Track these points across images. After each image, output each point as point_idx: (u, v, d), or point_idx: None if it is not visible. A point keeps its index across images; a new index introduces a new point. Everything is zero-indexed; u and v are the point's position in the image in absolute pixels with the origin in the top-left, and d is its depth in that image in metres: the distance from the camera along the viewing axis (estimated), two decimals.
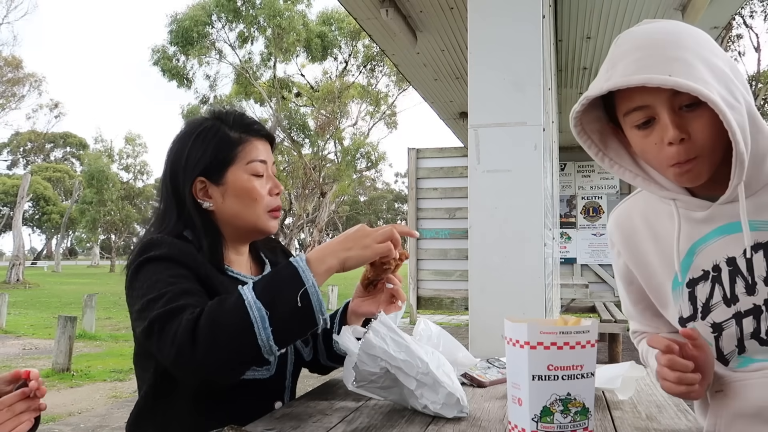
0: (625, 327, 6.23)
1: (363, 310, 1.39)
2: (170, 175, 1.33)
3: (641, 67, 0.90)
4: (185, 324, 1.08)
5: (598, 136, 1.05)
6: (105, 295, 16.90)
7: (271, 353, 1.12)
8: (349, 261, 1.18)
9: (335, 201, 29.60)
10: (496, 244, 2.39)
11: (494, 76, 2.47)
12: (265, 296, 1.11)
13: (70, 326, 6.95)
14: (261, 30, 20.06)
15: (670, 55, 0.90)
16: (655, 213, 1.08)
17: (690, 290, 1.03)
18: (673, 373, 0.95)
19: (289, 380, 1.39)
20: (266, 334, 1.09)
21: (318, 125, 22.20)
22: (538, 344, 0.92)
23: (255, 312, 1.09)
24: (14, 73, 33.54)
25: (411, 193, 9.65)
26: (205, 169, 1.31)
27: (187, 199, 1.31)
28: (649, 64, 0.90)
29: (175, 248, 1.23)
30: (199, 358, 1.06)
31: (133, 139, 41.45)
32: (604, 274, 9.38)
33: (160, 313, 1.12)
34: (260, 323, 1.09)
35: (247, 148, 1.33)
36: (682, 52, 0.90)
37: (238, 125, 1.35)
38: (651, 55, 0.91)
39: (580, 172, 9.56)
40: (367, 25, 4.84)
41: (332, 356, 1.46)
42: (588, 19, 4.71)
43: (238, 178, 1.31)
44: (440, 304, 9.43)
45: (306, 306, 1.12)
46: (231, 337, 1.08)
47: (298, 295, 1.11)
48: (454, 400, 1.18)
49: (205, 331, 1.07)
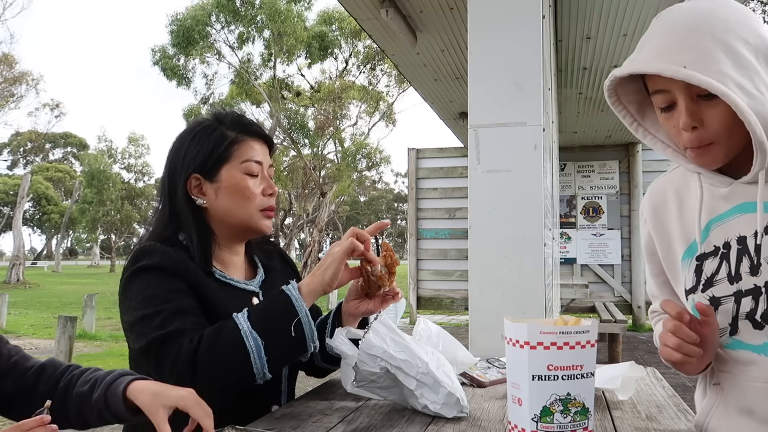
0: (625, 327, 6.23)
1: (361, 310, 1.39)
2: (168, 172, 1.36)
3: (659, 55, 0.94)
4: (185, 353, 1.14)
5: (635, 106, 1.08)
6: (105, 295, 16.90)
7: (263, 378, 1.19)
8: (326, 274, 1.24)
9: (335, 201, 29.59)
10: (496, 244, 2.39)
11: (494, 76, 2.47)
12: (260, 326, 1.17)
13: (70, 326, 6.95)
14: (259, 30, 20.05)
15: (689, 45, 0.93)
16: (685, 186, 1.11)
17: (698, 263, 1.04)
18: (675, 339, 0.95)
19: (285, 384, 1.39)
20: (261, 363, 1.16)
21: (318, 126, 22.19)
22: (538, 344, 0.92)
23: (251, 342, 1.16)
24: (9, 71, 33.51)
25: (411, 193, 9.66)
26: (200, 166, 1.33)
27: (180, 194, 1.33)
28: (667, 52, 0.93)
29: (168, 258, 1.25)
30: (199, 384, 1.09)
31: (137, 139, 41.47)
32: (603, 274, 9.38)
33: (156, 336, 1.16)
34: (256, 353, 1.16)
35: (242, 148, 1.35)
36: (702, 41, 0.92)
37: (235, 125, 1.37)
38: (671, 42, 0.94)
39: (580, 172, 9.55)
40: (367, 25, 4.84)
41: (326, 358, 1.45)
42: (588, 19, 4.71)
43: (231, 176, 1.33)
44: (440, 304, 9.43)
45: (299, 335, 1.19)
46: (229, 368, 1.16)
47: (292, 326, 1.18)
48: (454, 400, 1.18)
49: (204, 361, 1.13)
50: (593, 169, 9.52)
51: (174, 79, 20.99)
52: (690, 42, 0.93)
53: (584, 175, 9.55)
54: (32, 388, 1.04)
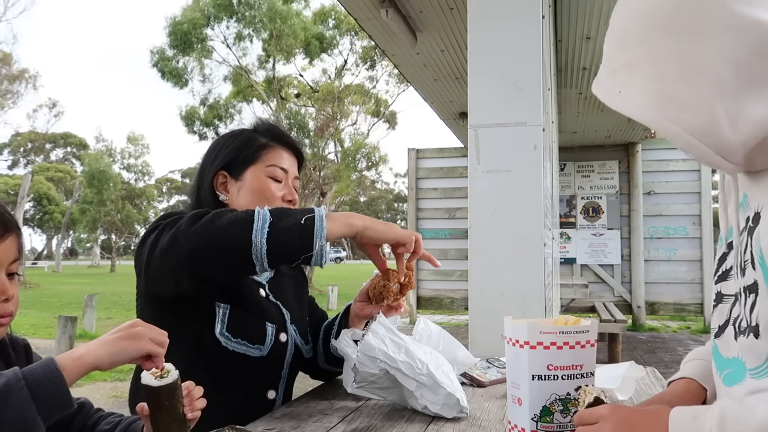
0: (625, 327, 6.23)
1: (365, 312, 1.42)
2: (200, 167, 1.45)
3: (600, 75, 0.88)
4: (190, 216, 1.17)
5: None
6: (105, 295, 16.90)
7: (259, 260, 1.12)
8: (368, 231, 1.21)
9: (335, 201, 29.60)
10: (496, 244, 2.40)
11: (494, 76, 2.47)
12: (275, 210, 1.16)
13: (70, 326, 6.95)
14: (257, 32, 20.05)
15: (617, 63, 0.84)
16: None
17: (725, 252, 0.92)
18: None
19: (285, 370, 1.39)
20: (261, 234, 1.11)
21: (317, 127, 22.20)
22: (537, 344, 0.93)
23: (259, 214, 1.14)
24: (7, 69, 33.55)
25: (411, 193, 9.66)
26: (228, 164, 1.40)
27: (205, 188, 1.39)
28: (602, 74, 0.87)
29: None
30: (191, 235, 1.11)
31: (136, 138, 41.46)
32: (603, 274, 9.37)
33: (170, 220, 1.21)
34: (260, 223, 1.12)
35: (270, 153, 1.42)
36: (630, 53, 0.82)
37: (268, 132, 1.45)
38: (604, 61, 0.88)
39: (579, 172, 9.55)
40: (367, 25, 4.84)
41: (330, 359, 1.47)
42: (588, 19, 4.71)
43: (256, 176, 1.39)
44: (440, 304, 9.43)
45: (308, 226, 1.13)
46: (228, 223, 1.13)
47: (304, 216, 1.14)
48: (454, 401, 1.18)
49: (207, 217, 1.15)
50: (593, 169, 9.51)
51: (171, 80, 20.99)
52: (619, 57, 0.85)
53: (584, 175, 9.54)
54: (68, 423, 1.07)
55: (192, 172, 51.48)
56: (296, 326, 1.43)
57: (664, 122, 0.78)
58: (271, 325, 1.35)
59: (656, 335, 8.92)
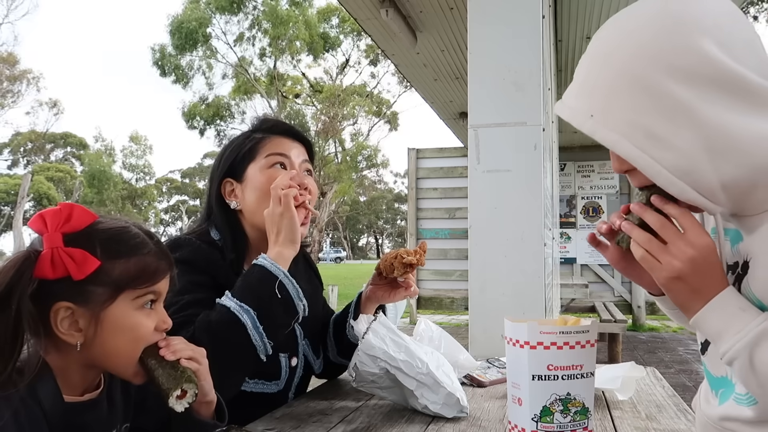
0: (625, 327, 6.22)
1: (377, 294, 1.44)
2: (209, 179, 1.42)
3: (568, 97, 0.87)
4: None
5: None
6: None
7: (265, 351, 1.16)
8: (281, 236, 1.22)
9: (335, 201, 29.58)
10: (496, 244, 2.39)
11: (494, 76, 2.47)
12: (246, 298, 1.16)
13: None
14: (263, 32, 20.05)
15: (590, 92, 0.83)
16: None
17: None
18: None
19: (292, 392, 1.39)
20: (259, 333, 1.15)
21: (318, 127, 22.19)
22: (538, 344, 0.93)
23: (244, 316, 1.14)
24: (10, 70, 33.57)
25: (411, 193, 9.65)
26: (231, 169, 1.36)
27: (213, 197, 1.37)
28: (571, 95, 0.87)
29: (199, 253, 1.27)
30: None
31: (138, 138, 41.45)
32: (603, 274, 9.37)
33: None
34: (251, 325, 1.14)
35: (267, 144, 1.37)
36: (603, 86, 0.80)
37: (264, 127, 1.41)
38: (577, 83, 0.86)
39: (579, 172, 9.55)
40: (367, 25, 4.84)
41: (342, 351, 1.47)
42: (588, 19, 4.71)
43: (257, 172, 1.35)
44: (440, 304, 9.42)
45: (285, 296, 1.18)
46: (229, 346, 1.13)
47: (275, 288, 1.16)
48: (454, 400, 1.18)
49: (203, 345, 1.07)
50: (593, 169, 9.51)
51: (173, 77, 20.99)
52: (591, 85, 0.82)
53: (584, 175, 9.54)
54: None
55: (192, 172, 51.43)
56: (309, 340, 1.43)
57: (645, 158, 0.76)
58: (283, 354, 1.34)
59: (656, 335, 8.91)
